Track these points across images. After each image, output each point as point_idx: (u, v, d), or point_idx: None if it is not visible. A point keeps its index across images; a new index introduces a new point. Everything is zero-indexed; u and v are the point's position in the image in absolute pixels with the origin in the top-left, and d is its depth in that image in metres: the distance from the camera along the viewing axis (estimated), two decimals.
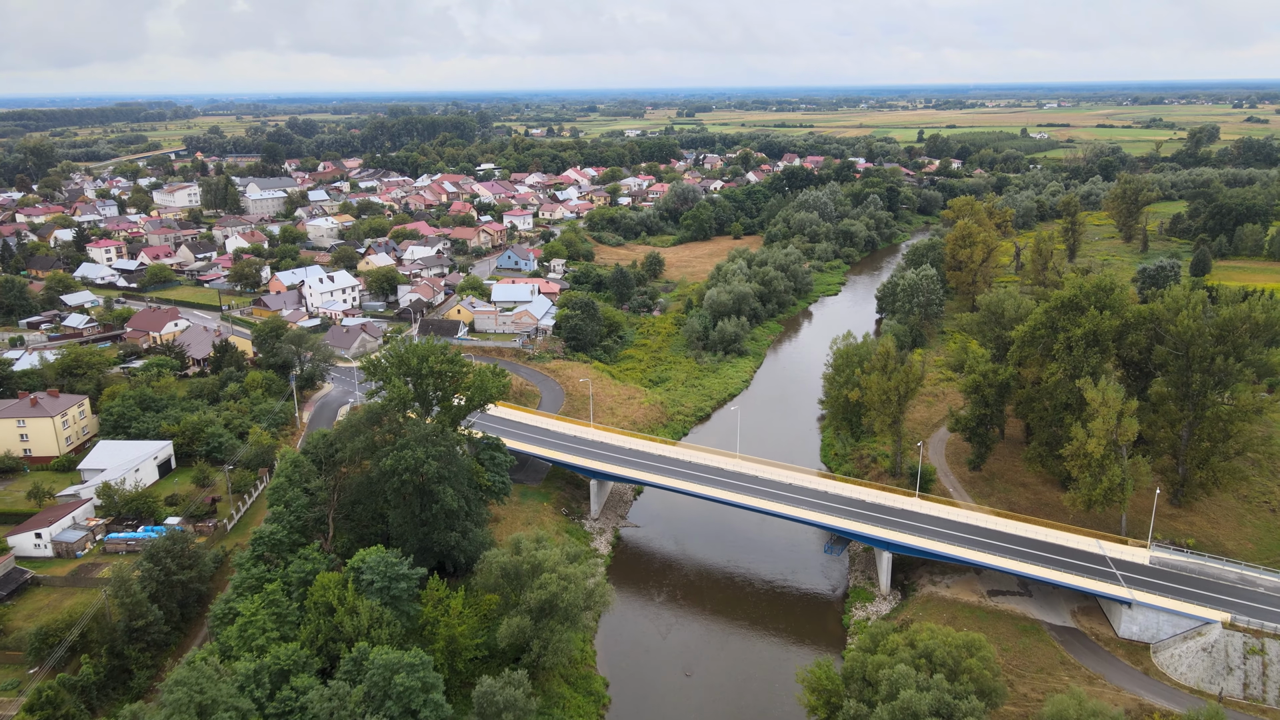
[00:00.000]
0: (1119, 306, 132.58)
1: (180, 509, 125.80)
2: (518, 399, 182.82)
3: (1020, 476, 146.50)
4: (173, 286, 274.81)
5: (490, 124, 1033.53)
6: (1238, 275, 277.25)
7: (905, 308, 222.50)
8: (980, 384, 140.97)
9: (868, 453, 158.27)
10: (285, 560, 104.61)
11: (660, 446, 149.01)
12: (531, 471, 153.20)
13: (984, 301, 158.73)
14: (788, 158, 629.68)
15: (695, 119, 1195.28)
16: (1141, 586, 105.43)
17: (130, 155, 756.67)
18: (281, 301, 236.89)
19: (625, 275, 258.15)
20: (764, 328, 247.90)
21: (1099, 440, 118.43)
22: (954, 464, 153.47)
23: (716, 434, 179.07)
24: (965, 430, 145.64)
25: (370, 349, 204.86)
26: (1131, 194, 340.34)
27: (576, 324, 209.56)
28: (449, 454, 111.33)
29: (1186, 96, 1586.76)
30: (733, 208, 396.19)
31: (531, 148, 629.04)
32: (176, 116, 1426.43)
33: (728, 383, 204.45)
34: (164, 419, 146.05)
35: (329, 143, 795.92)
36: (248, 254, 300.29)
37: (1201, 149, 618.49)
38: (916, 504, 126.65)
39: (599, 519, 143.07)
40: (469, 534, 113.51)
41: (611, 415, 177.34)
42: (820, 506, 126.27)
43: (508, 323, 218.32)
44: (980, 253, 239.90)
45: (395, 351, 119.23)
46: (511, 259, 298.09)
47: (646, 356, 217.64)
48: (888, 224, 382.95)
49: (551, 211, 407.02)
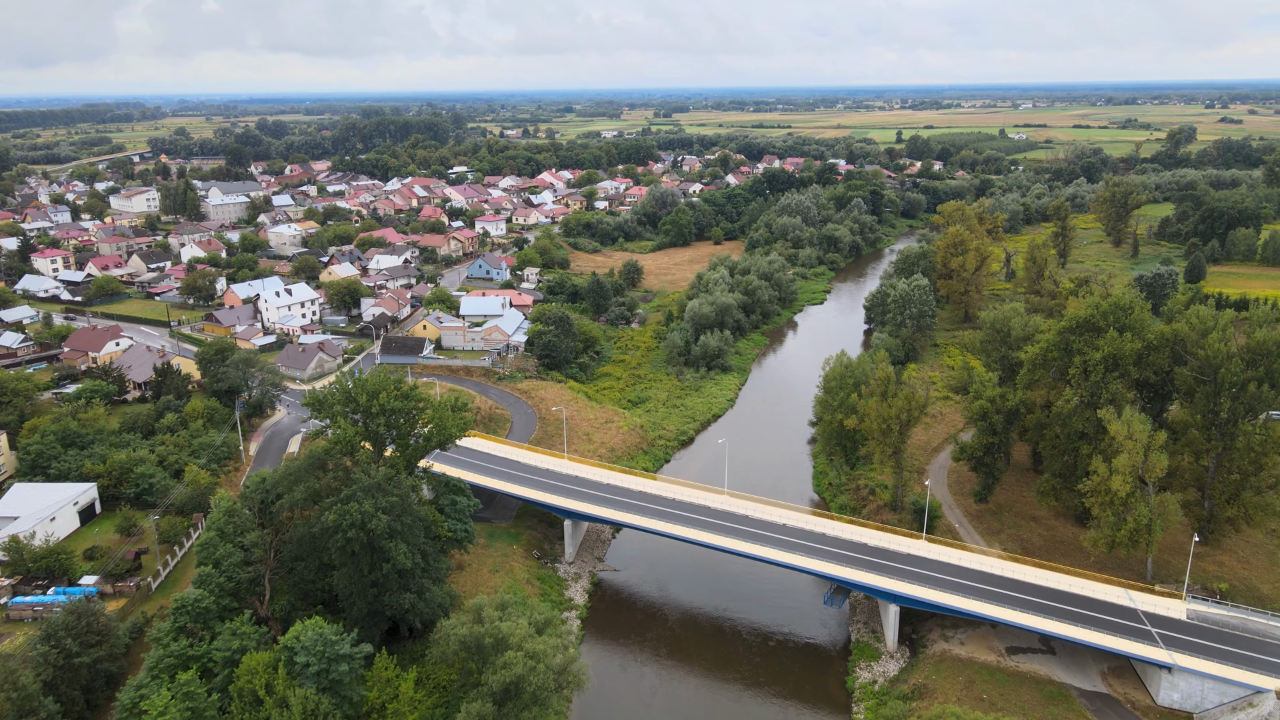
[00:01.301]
0: (1140, 327, 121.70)
1: (99, 565, 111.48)
2: (486, 424, 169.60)
3: (1031, 509, 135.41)
4: (121, 300, 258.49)
5: (465, 125, 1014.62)
6: (1233, 281, 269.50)
7: (897, 320, 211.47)
8: (988, 410, 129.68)
9: (865, 483, 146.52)
10: (212, 632, 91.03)
11: (640, 481, 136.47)
12: (500, 508, 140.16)
13: (988, 319, 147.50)
14: (767, 159, 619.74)
15: (672, 120, 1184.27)
16: (1180, 647, 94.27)
17: (91, 158, 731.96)
18: (235, 317, 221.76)
19: (602, 286, 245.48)
20: (748, 340, 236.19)
21: (1124, 477, 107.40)
22: (958, 495, 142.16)
23: (700, 459, 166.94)
24: (971, 460, 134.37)
25: (328, 370, 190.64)
26: (1120, 197, 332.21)
27: (550, 340, 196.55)
28: (402, 505, 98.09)
29: (1160, 97, 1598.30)
30: (713, 212, 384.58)
31: (506, 149, 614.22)
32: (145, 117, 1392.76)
33: (711, 402, 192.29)
34: (88, 457, 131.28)
35: (299, 144, 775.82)
36: (203, 264, 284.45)
37: (1181, 150, 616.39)
38: (924, 547, 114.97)
39: (574, 562, 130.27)
40: (426, 593, 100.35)
41: (588, 442, 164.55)
42: (818, 552, 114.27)
43: (477, 339, 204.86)
44: (973, 260, 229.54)
45: (342, 386, 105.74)
46: (483, 268, 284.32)
47: (625, 374, 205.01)
48: (872, 228, 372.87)
49: (526, 216, 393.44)
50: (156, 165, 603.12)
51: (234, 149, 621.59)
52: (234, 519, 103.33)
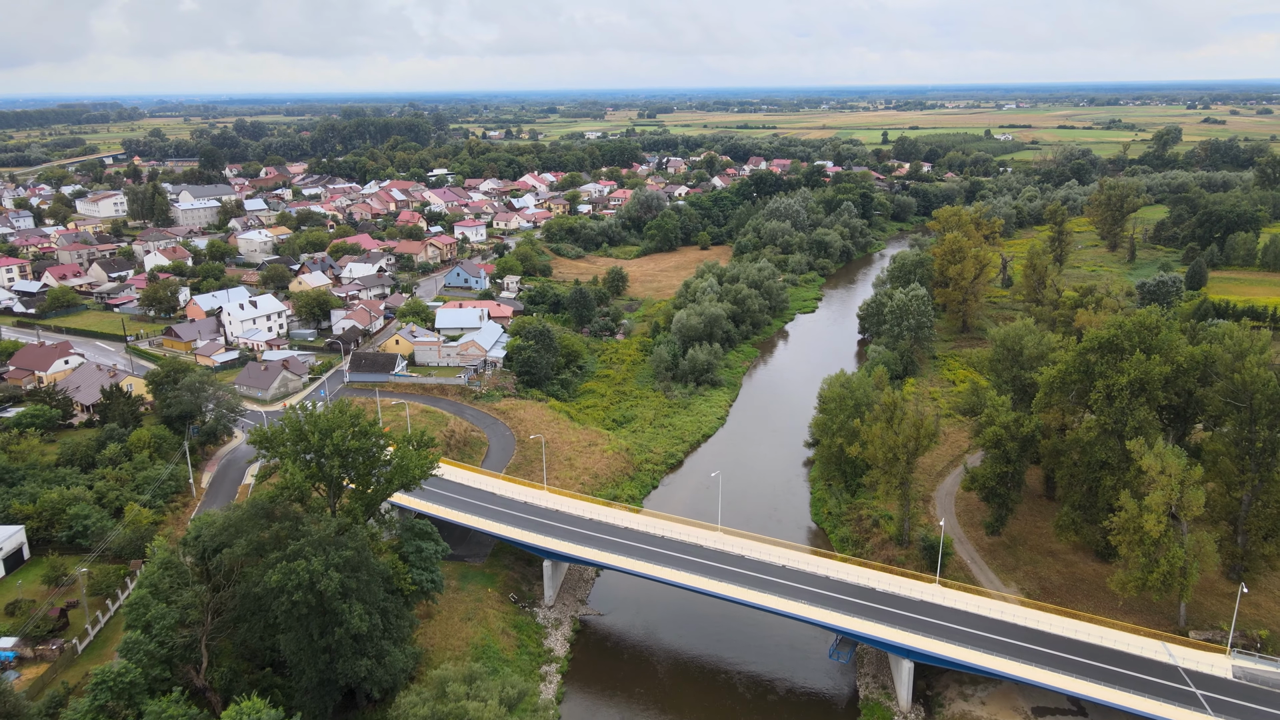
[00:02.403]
0: (1167, 349, 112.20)
1: (19, 623, 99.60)
2: (461, 448, 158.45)
3: (1047, 542, 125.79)
4: (77, 312, 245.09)
5: (446, 126, 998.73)
6: (1235, 288, 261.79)
7: (894, 332, 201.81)
8: (1001, 438, 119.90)
9: (867, 513, 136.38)
10: (139, 710, 79.68)
11: (626, 515, 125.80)
12: (475, 544, 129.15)
13: (998, 336, 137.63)
14: (753, 161, 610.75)
15: (657, 120, 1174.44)
16: (1228, 712, 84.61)
17: (63, 160, 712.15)
18: (196, 331, 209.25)
19: (585, 296, 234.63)
20: (738, 352, 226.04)
21: (1157, 516, 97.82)
22: (968, 526, 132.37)
23: (690, 485, 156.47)
24: (983, 489, 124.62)
25: (293, 389, 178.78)
26: (1116, 201, 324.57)
27: (530, 356, 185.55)
28: (358, 559, 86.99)
29: (1141, 97, 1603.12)
30: (699, 216, 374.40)
31: (487, 151, 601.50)
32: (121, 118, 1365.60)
33: (701, 421, 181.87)
34: (17, 496, 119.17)
35: (277, 146, 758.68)
36: (166, 273, 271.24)
37: (1169, 151, 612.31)
38: (938, 593, 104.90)
39: (554, 606, 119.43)
40: (386, 657, 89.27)
41: (570, 468, 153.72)
42: (821, 598, 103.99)
43: (452, 355, 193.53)
44: (971, 268, 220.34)
45: (292, 422, 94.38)
46: (461, 276, 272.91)
47: (609, 391, 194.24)
48: (862, 232, 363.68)
49: (507, 221, 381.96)
50: (128, 168, 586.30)
51: (207, 151, 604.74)
52: (170, 572, 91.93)
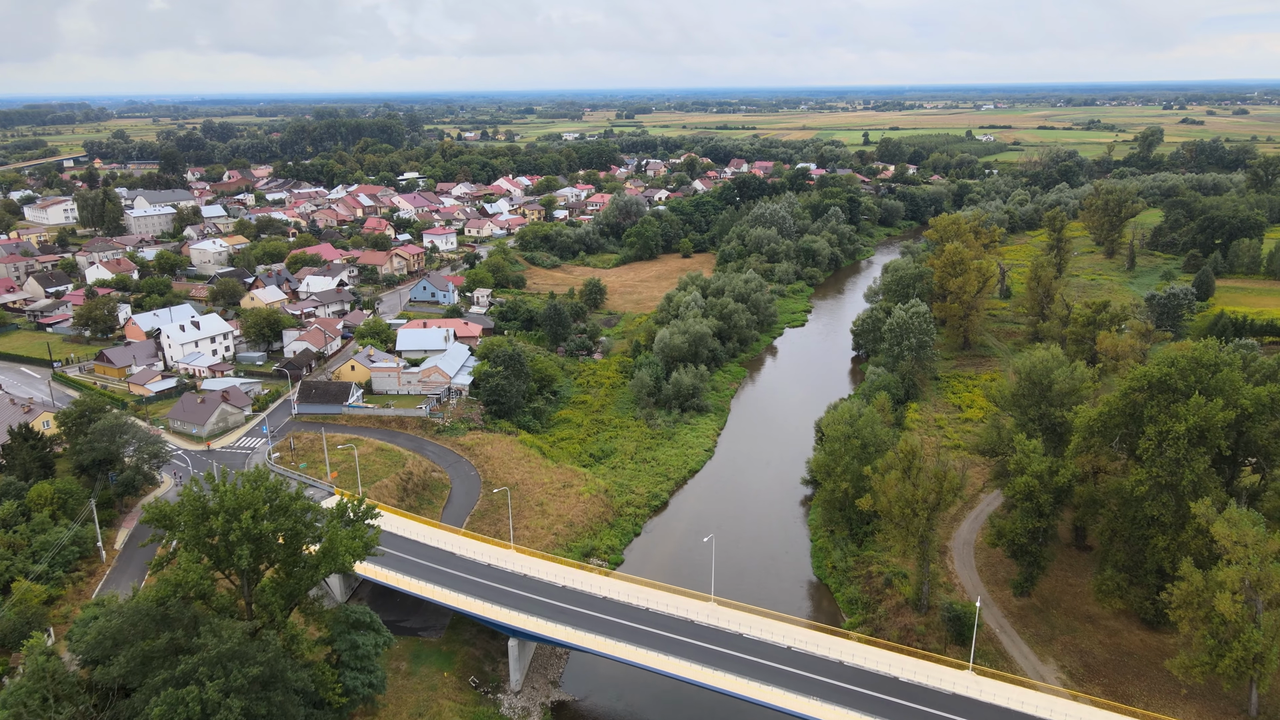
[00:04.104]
0: (1231, 390, 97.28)
1: None
2: (419, 493, 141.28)
3: (1083, 604, 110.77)
4: (7, 332, 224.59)
5: (421, 127, 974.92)
6: (1243, 298, 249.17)
7: (894, 352, 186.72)
8: (1034, 490, 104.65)
9: (878, 569, 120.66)
10: None
11: (605, 582, 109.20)
12: (431, 614, 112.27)
13: (1023, 368, 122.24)
14: (735, 163, 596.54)
15: (635, 120, 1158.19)
16: None
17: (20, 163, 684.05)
18: (131, 355, 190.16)
19: (560, 313, 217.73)
20: (725, 372, 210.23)
21: (1231, 595, 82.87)
22: (992, 584, 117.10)
23: (677, 531, 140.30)
24: (1011, 546, 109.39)
25: (233, 424, 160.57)
26: (1114, 205, 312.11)
27: (499, 384, 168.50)
28: (269, 675, 69.97)
29: (1117, 98, 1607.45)
30: (680, 222, 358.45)
31: (460, 154, 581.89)
32: (89, 119, 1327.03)
33: (687, 453, 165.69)
34: None
35: (245, 148, 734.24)
36: (108, 288, 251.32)
37: (1154, 152, 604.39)
38: (971, 683, 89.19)
39: (521, 692, 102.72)
40: None
41: (541, 515, 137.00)
42: (834, 691, 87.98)
43: (414, 381, 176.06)
44: (974, 281, 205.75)
45: (191, 500, 76.86)
46: (428, 290, 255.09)
47: (586, 420, 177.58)
48: (850, 239, 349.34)
49: (479, 228, 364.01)
50: (86, 171, 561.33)
51: (168, 153, 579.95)
52: (44, 684, 74.53)
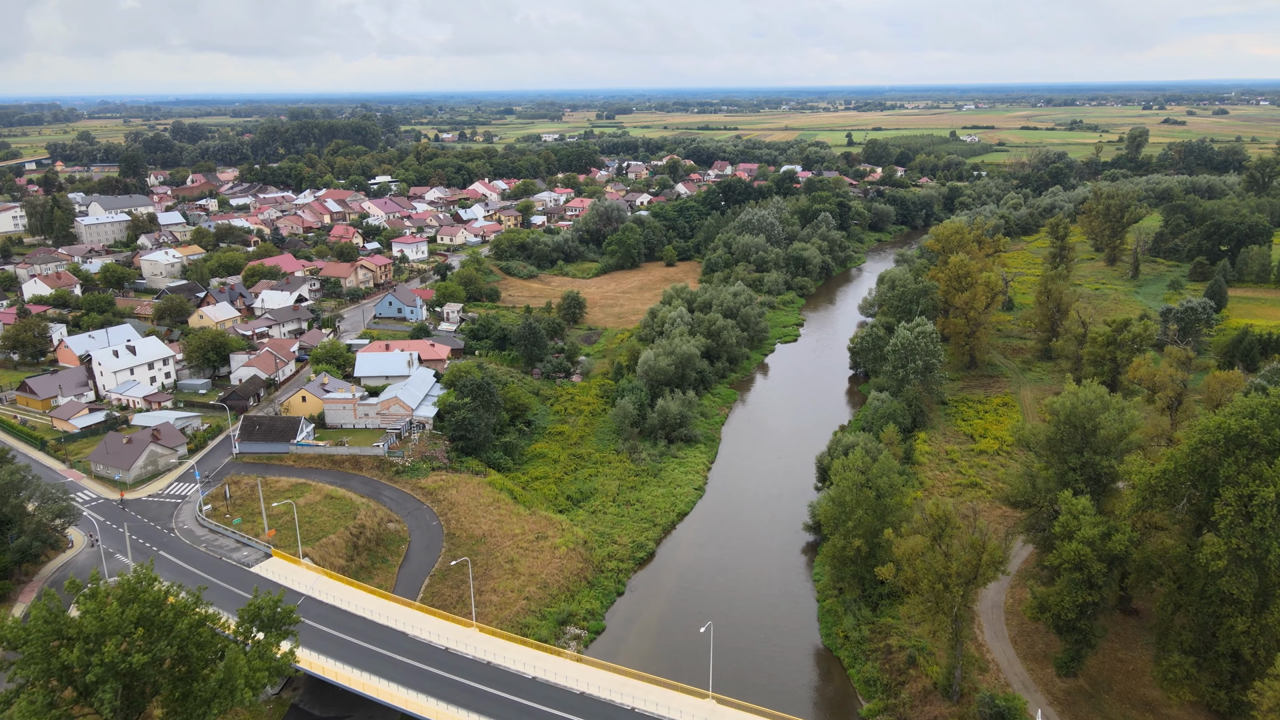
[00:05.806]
0: None
1: None
2: (372, 549, 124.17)
3: (1139, 688, 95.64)
4: None
5: (397, 128, 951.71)
6: (1258, 310, 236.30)
7: (899, 375, 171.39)
8: (1085, 559, 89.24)
9: (897, 644, 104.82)
10: None
11: (582, 672, 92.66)
12: (379, 711, 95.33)
13: (1062, 410, 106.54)
14: (718, 165, 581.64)
15: (615, 121, 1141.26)
16: None
17: None
18: (57, 385, 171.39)
19: (536, 333, 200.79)
20: (714, 395, 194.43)
21: None
22: (1031, 659, 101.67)
23: (667, 587, 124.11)
24: (1057, 620, 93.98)
25: (164, 467, 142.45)
26: (1115, 210, 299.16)
27: (466, 417, 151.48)
28: None
29: (1096, 98, 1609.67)
30: (663, 228, 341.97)
31: (435, 157, 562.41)
32: (58, 120, 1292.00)
33: (675, 493, 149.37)
34: None
35: (214, 150, 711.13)
36: (45, 305, 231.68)
37: (1142, 153, 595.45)
38: None
39: None
40: None
41: (512, 575, 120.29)
42: None
43: (372, 414, 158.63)
44: (983, 296, 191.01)
45: (41, 624, 59.28)
46: (394, 305, 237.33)
47: (564, 455, 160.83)
48: (841, 245, 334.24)
49: (452, 235, 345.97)
50: (45, 174, 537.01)
51: (129, 156, 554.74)
52: None
